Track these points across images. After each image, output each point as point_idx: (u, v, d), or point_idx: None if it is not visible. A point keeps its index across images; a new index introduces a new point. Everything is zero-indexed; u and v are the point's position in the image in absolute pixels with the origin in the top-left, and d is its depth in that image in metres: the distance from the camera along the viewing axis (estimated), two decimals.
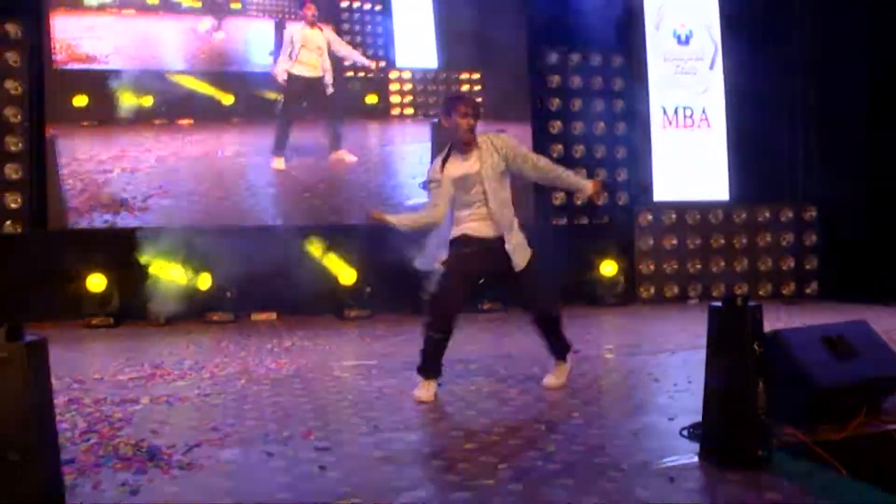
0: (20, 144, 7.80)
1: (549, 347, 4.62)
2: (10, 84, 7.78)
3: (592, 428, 3.66)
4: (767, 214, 10.02)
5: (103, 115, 8.23)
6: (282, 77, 8.65)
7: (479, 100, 8.02)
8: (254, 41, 8.93)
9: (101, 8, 8.34)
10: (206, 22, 8.68)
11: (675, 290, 9.88)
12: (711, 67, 10.23)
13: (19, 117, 7.80)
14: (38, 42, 7.99)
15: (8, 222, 7.76)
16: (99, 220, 8.13)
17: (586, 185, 4.58)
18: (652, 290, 9.85)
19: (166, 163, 8.39)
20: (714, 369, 3.12)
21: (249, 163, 8.67)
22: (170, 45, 8.54)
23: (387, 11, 9.29)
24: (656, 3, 10.15)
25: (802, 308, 8.87)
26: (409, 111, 9.41)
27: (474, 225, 4.37)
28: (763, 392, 3.06)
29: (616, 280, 9.37)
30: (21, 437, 2.46)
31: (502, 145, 4.43)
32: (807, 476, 2.95)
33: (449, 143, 4.48)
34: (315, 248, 8.24)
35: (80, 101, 8.14)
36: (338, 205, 8.84)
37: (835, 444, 3.44)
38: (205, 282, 8.01)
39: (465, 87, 9.60)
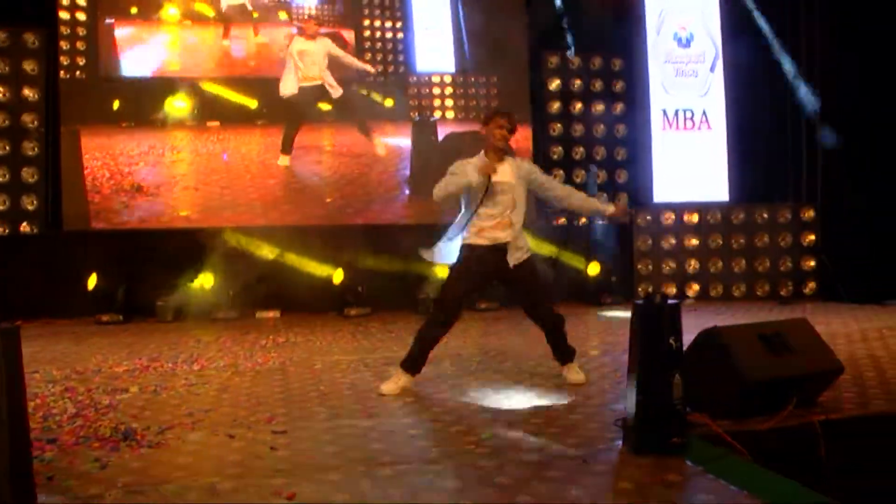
0: (36, 149, 8.25)
1: (554, 352, 4.84)
2: (27, 91, 8.25)
3: (536, 417, 3.91)
4: (766, 215, 10.11)
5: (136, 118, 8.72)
6: (290, 91, 9.03)
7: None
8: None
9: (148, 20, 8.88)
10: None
11: (674, 289, 10.03)
12: (712, 70, 10.37)
13: (36, 123, 8.25)
14: (54, 51, 8.41)
15: (24, 223, 8.21)
16: (121, 214, 8.56)
17: (606, 209, 4.79)
18: (650, 290, 10.00)
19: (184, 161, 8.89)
20: (633, 362, 3.35)
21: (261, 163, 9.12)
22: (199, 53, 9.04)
23: (407, 19, 9.65)
24: (657, 6, 10.31)
25: (799, 309, 8.90)
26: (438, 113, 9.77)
27: (497, 234, 4.61)
28: (679, 383, 3.28)
29: (610, 280, 9.55)
30: None
31: (529, 168, 4.76)
32: (714, 461, 3.17)
33: (482, 150, 4.73)
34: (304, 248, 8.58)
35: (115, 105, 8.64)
36: (338, 204, 9.18)
37: (759, 434, 3.66)
38: (212, 280, 8.37)
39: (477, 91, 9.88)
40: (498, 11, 9.72)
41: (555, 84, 10.04)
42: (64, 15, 8.53)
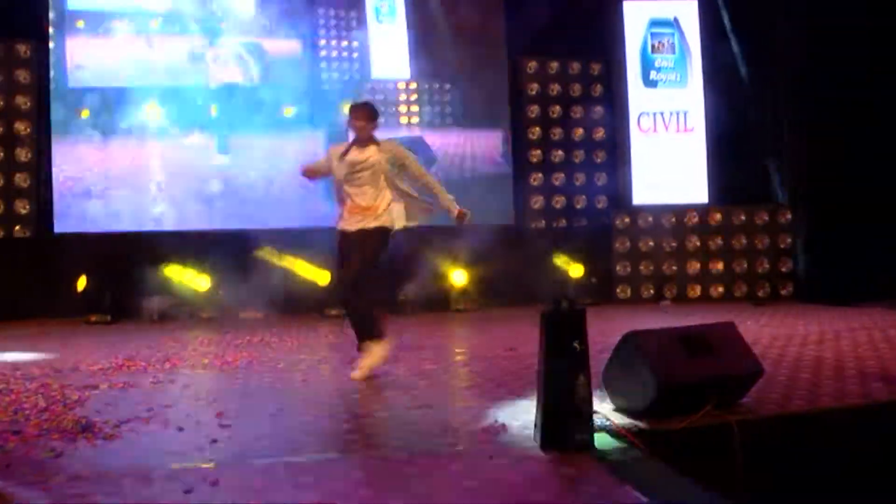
0: (28, 155, 8.62)
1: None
2: (20, 99, 8.62)
3: (467, 413, 4.19)
4: (743, 217, 10.33)
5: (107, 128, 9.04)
6: None
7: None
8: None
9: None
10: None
11: (651, 291, 10.27)
12: (691, 74, 10.58)
13: (28, 130, 8.61)
14: (45, 61, 8.77)
15: (17, 227, 8.59)
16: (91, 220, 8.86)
17: (453, 208, 5.22)
18: (628, 291, 10.26)
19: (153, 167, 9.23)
20: (541, 366, 3.62)
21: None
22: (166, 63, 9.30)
23: (362, 24, 9.92)
24: (636, 10, 10.53)
25: (771, 310, 9.15)
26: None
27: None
28: (584, 384, 3.55)
29: (587, 281, 9.79)
30: None
31: (393, 149, 5.23)
32: (614, 456, 3.43)
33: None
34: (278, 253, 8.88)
35: (85, 114, 8.98)
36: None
37: (674, 434, 3.90)
38: (198, 281, 8.71)
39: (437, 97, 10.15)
40: (476, 16, 9.98)
41: (533, 88, 10.29)
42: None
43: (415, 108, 10.08)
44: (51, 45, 8.89)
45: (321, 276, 8.87)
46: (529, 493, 2.99)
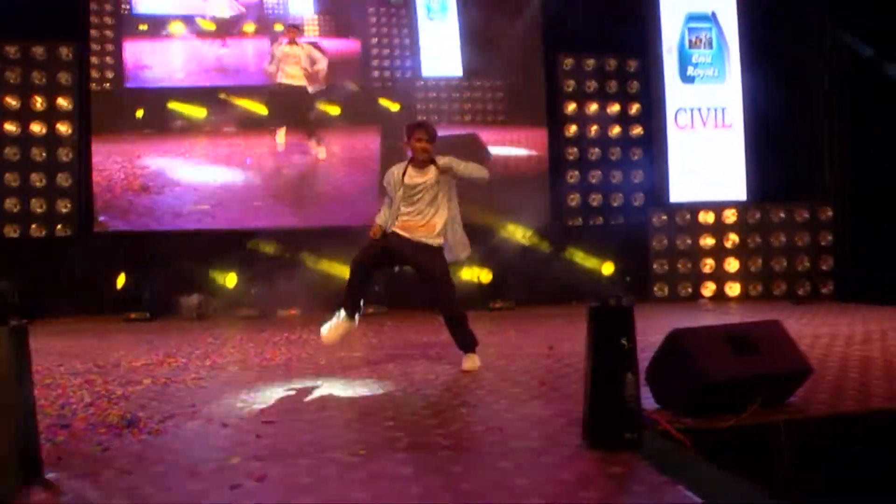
0: (70, 155, 8.75)
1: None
2: (61, 101, 8.74)
3: (509, 412, 4.15)
4: (782, 214, 10.16)
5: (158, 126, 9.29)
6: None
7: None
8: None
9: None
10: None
11: (689, 289, 10.15)
12: (729, 70, 10.43)
13: (70, 130, 8.73)
14: (86, 62, 8.90)
15: (59, 226, 8.72)
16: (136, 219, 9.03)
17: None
18: (666, 290, 10.14)
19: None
20: (588, 363, 3.57)
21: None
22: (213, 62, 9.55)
23: (412, 24, 9.98)
24: (673, 5, 10.40)
25: (812, 309, 8.98)
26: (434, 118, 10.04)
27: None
28: (632, 381, 3.49)
29: (621, 279, 9.70)
30: (2, 400, 3.10)
31: (448, 165, 5.12)
32: (662, 455, 3.37)
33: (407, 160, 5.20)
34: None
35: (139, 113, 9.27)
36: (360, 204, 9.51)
37: (720, 432, 3.83)
38: (235, 279, 8.77)
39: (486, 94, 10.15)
40: (511, 13, 9.96)
41: (570, 85, 10.22)
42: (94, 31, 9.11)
43: (467, 106, 10.15)
44: (110, 47, 9.17)
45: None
46: (578, 492, 2.95)
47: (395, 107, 9.91)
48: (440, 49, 10.05)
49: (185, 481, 3.12)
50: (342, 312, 5.31)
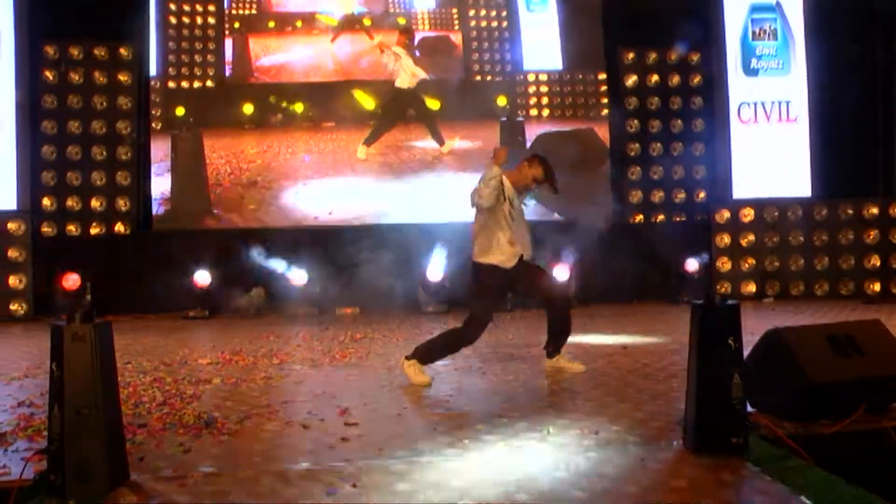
0: (129, 153, 8.77)
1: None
2: (121, 100, 8.78)
3: (600, 415, 3.98)
4: (850, 211, 9.80)
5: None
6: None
7: None
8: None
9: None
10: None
11: (753, 288, 9.85)
12: (794, 61, 10.10)
13: (129, 129, 8.76)
14: (147, 61, 8.92)
15: (118, 224, 8.74)
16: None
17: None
18: (729, 288, 9.85)
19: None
20: (693, 362, 3.39)
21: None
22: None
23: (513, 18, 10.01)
24: None
25: (886, 309, 8.62)
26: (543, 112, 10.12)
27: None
28: (738, 383, 3.30)
29: (692, 278, 9.41)
30: (90, 396, 3.03)
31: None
32: (773, 462, 3.18)
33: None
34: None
35: (248, 109, 9.46)
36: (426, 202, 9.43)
37: (825, 438, 3.62)
38: (294, 277, 8.69)
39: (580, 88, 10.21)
40: (573, 9, 9.80)
41: (631, 80, 9.99)
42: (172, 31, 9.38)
43: (568, 100, 10.11)
44: (211, 45, 9.43)
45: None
46: (693, 501, 2.78)
47: (501, 100, 9.89)
48: (541, 42, 10.07)
49: (278, 487, 3.01)
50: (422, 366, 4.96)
